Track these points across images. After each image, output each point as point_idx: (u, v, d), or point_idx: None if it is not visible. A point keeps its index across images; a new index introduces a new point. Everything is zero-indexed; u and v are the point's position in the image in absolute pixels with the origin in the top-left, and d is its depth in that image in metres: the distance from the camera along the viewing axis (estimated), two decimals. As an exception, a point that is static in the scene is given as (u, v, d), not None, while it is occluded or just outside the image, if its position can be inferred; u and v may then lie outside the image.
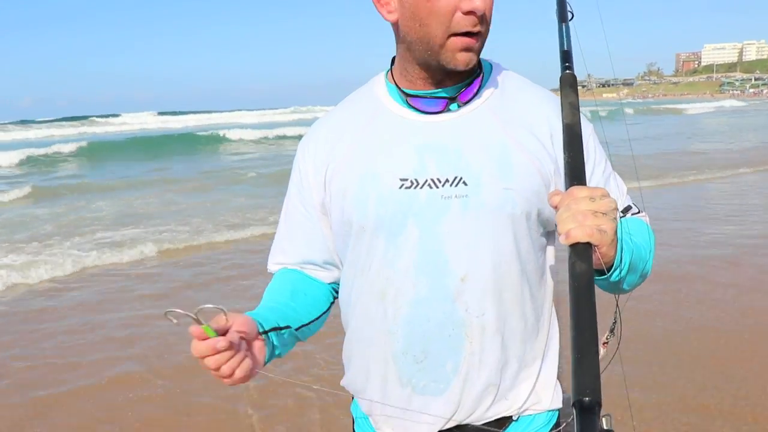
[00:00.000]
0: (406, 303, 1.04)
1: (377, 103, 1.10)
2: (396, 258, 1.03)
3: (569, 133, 0.95)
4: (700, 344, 3.73)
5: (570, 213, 0.83)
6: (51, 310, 4.88)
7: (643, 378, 3.28)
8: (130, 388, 3.47)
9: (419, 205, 1.01)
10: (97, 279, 5.69)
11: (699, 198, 9.09)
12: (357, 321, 1.11)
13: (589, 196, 0.84)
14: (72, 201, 10.53)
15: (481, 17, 0.96)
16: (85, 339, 4.24)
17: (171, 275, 5.73)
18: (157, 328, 4.29)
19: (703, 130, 23.90)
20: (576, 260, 0.81)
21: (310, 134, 1.16)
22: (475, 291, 1.02)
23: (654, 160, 12.74)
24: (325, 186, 1.10)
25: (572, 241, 0.82)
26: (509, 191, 1.01)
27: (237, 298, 4.90)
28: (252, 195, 10.19)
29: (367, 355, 1.10)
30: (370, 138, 1.07)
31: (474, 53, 0.99)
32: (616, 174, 1.13)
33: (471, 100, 1.06)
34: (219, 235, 7.22)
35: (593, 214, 0.83)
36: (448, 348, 1.04)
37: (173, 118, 49.72)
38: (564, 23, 1.08)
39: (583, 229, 0.82)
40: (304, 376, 3.45)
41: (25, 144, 24.43)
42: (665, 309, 4.27)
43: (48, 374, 3.68)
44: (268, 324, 1.01)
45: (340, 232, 1.10)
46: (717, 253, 5.62)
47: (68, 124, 43.89)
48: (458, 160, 1.01)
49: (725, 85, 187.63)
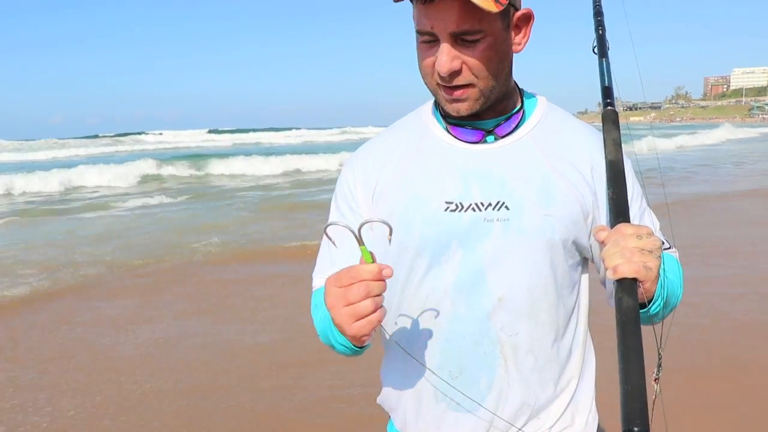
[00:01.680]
0: (443, 319, 1.06)
1: (425, 129, 1.14)
2: (437, 277, 1.06)
3: (613, 169, 0.99)
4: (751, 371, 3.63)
5: (618, 249, 0.87)
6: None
7: (692, 407, 3.21)
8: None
9: (463, 227, 1.04)
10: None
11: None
12: (394, 337, 1.12)
13: (636, 233, 0.88)
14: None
15: (454, 73, 0.99)
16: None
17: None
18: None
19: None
20: (623, 295, 0.84)
21: (358, 155, 1.19)
22: (511, 311, 1.05)
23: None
24: (373, 205, 1.12)
25: (620, 276, 0.85)
26: (549, 218, 1.04)
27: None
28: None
29: (403, 371, 1.12)
30: (417, 162, 1.10)
31: (465, 102, 1.03)
32: (651, 210, 1.17)
33: (512, 132, 1.09)
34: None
35: (640, 252, 0.87)
36: (483, 364, 1.06)
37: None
38: (604, 58, 1.11)
39: (631, 266, 0.85)
40: (340, 393, 3.49)
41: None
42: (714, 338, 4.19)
43: None
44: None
45: (380, 250, 1.08)
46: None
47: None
48: (502, 187, 1.05)
49: (755, 109, 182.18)
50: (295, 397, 3.53)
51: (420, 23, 0.98)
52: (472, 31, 0.96)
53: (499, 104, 1.09)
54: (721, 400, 3.30)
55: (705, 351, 3.94)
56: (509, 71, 1.07)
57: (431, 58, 1.00)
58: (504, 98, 1.09)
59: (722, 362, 3.79)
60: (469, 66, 0.99)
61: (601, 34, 1.13)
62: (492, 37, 0.98)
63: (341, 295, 0.91)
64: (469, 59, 0.98)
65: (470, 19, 0.95)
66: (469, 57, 0.98)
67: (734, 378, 3.58)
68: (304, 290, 1.29)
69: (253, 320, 4.87)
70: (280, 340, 4.39)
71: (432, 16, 0.96)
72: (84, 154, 32.87)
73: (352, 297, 0.89)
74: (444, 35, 0.96)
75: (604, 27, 1.15)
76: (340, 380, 3.68)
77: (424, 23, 0.97)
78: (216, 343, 4.39)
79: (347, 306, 0.90)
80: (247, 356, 4.14)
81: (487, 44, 0.98)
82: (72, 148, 38.26)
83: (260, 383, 3.72)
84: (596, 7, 1.19)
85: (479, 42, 0.97)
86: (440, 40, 0.97)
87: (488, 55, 0.99)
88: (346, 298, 0.90)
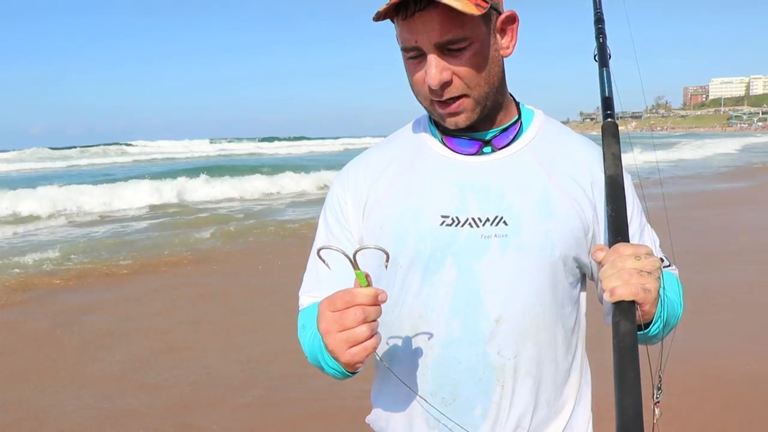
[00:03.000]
0: (437, 343, 1.02)
1: (419, 141, 1.11)
2: (431, 296, 1.02)
3: (613, 185, 0.96)
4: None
5: (615, 270, 0.84)
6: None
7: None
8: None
9: (459, 243, 1.00)
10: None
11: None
12: (384, 359, 1.08)
13: (635, 254, 0.85)
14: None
15: (445, 84, 0.97)
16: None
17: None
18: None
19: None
20: (620, 319, 0.81)
21: (349, 168, 1.16)
22: (509, 333, 1.00)
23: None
24: (363, 219, 1.09)
25: (617, 299, 0.83)
26: (549, 233, 1.00)
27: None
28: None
29: (394, 394, 1.08)
30: (411, 174, 1.07)
31: (462, 114, 1.00)
32: (650, 226, 1.14)
33: (509, 144, 1.06)
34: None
35: (638, 273, 0.84)
36: (478, 392, 1.02)
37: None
38: (605, 68, 1.07)
39: (629, 288, 0.83)
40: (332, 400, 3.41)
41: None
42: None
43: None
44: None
45: (371, 266, 1.06)
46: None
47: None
48: (500, 200, 1.01)
49: (733, 118, 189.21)
50: (282, 411, 3.46)
51: (404, 40, 0.97)
52: (456, 39, 0.94)
53: (496, 114, 1.06)
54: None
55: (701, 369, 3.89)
56: (502, 76, 1.04)
57: (420, 74, 0.98)
58: (500, 108, 1.06)
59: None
60: (459, 75, 0.97)
61: (602, 42, 1.10)
62: (478, 43, 0.96)
63: (336, 320, 0.87)
64: (459, 68, 0.96)
65: (453, 27, 0.93)
66: (458, 66, 0.96)
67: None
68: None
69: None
70: (272, 351, 4.30)
71: (415, 30, 0.94)
72: (104, 164, 33.17)
73: (347, 322, 0.86)
74: (429, 47, 0.94)
75: (605, 35, 1.12)
76: (326, 393, 3.60)
77: (407, 39, 0.96)
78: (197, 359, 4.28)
79: (342, 332, 0.86)
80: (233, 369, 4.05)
81: (474, 51, 0.96)
82: (82, 158, 38.35)
83: (242, 397, 3.63)
84: (597, 13, 1.16)
85: (466, 50, 0.95)
86: (426, 53, 0.95)
87: (477, 61, 0.97)
88: (342, 323, 0.86)
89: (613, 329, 0.81)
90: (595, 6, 1.16)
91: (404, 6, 0.93)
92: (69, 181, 16.83)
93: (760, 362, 3.85)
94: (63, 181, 16.56)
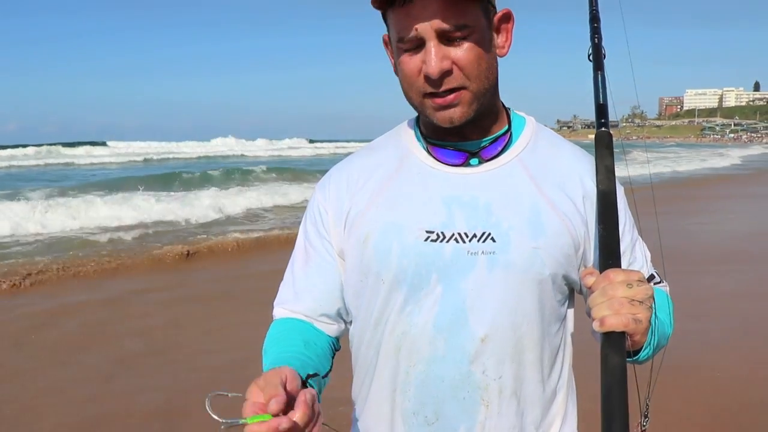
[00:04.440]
0: (420, 361, 0.99)
1: (404, 149, 1.07)
2: (414, 313, 0.98)
3: (604, 201, 0.91)
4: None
5: (606, 299, 0.81)
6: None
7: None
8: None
9: (444, 260, 0.96)
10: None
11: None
12: (367, 376, 1.06)
13: (626, 281, 0.82)
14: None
15: (445, 74, 0.93)
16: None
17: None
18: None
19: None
20: (609, 351, 0.78)
21: (331, 175, 1.12)
22: (495, 352, 0.97)
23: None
24: (345, 231, 1.05)
25: (607, 329, 0.80)
26: (538, 251, 0.97)
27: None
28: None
29: (375, 413, 1.05)
30: (395, 186, 1.03)
31: (458, 107, 0.96)
32: (642, 240, 1.10)
33: (498, 155, 1.02)
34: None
35: (630, 302, 0.81)
36: (462, 411, 0.99)
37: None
38: (600, 71, 1.01)
39: (619, 318, 0.80)
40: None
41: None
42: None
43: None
44: (304, 372, 0.93)
45: (352, 281, 1.05)
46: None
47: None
48: (488, 216, 0.98)
49: (706, 129, 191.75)
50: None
51: (401, 28, 0.93)
52: (458, 25, 0.91)
53: (485, 120, 1.02)
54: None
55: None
56: (497, 77, 0.99)
57: (415, 64, 0.93)
58: (491, 113, 1.02)
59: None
60: (459, 65, 0.93)
61: (597, 43, 1.04)
62: (478, 34, 0.93)
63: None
64: (459, 58, 0.93)
65: (455, 13, 0.90)
66: (458, 56, 0.92)
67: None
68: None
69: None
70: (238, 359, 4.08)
71: (415, 17, 0.90)
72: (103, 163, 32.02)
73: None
74: (430, 34, 0.91)
75: (600, 35, 1.06)
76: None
77: (405, 27, 0.92)
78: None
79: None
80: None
81: (474, 40, 0.93)
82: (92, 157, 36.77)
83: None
84: (592, 11, 1.09)
85: (467, 39, 0.92)
86: (426, 41, 0.91)
87: (477, 52, 0.93)
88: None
89: (602, 361, 0.79)
90: (591, 3, 1.11)
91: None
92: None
93: (739, 368, 3.85)
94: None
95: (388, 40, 1.01)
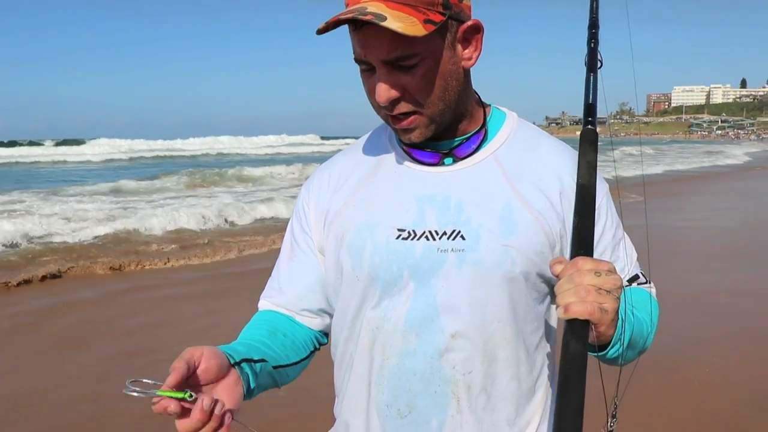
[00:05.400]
0: (393, 354, 1.01)
1: (383, 149, 1.09)
2: (389, 308, 1.00)
3: (582, 195, 0.90)
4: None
5: (572, 285, 0.80)
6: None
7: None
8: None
9: (415, 257, 0.98)
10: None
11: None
12: (346, 370, 1.08)
13: (595, 269, 0.81)
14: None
15: (395, 101, 0.94)
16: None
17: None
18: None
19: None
20: (571, 338, 0.77)
21: (315, 174, 1.15)
22: (465, 349, 0.98)
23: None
24: (324, 229, 1.08)
25: (571, 316, 0.79)
26: (509, 249, 0.97)
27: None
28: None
29: (352, 406, 1.07)
30: (372, 185, 1.05)
31: (415, 131, 0.97)
32: (628, 239, 1.10)
33: (473, 153, 1.03)
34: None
35: (596, 291, 0.79)
36: (434, 404, 1.00)
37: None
38: (592, 73, 1.03)
39: (584, 306, 0.79)
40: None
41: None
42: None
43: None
44: (239, 355, 0.94)
45: (331, 278, 1.08)
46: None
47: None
48: (459, 214, 0.99)
49: (694, 126, 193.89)
50: (257, 416, 2.89)
51: (355, 51, 0.94)
52: (405, 56, 0.90)
53: (458, 123, 1.02)
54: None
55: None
56: (462, 89, 0.99)
57: (372, 84, 0.95)
58: (463, 117, 1.02)
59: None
60: (410, 91, 0.93)
61: (593, 48, 1.06)
62: (431, 59, 0.92)
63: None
64: (409, 85, 0.93)
65: (401, 44, 0.89)
66: (408, 83, 0.93)
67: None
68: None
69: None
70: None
71: (363, 44, 0.91)
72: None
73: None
74: (377, 63, 0.92)
75: (597, 41, 1.08)
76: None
77: (358, 51, 0.93)
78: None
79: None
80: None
81: (426, 67, 0.92)
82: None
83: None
84: (592, 18, 1.11)
85: (417, 66, 0.92)
86: (376, 68, 0.93)
87: (429, 78, 0.93)
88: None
89: (562, 350, 0.77)
90: (591, 10, 1.12)
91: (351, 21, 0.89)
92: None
93: (721, 368, 3.86)
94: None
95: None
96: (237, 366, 0.92)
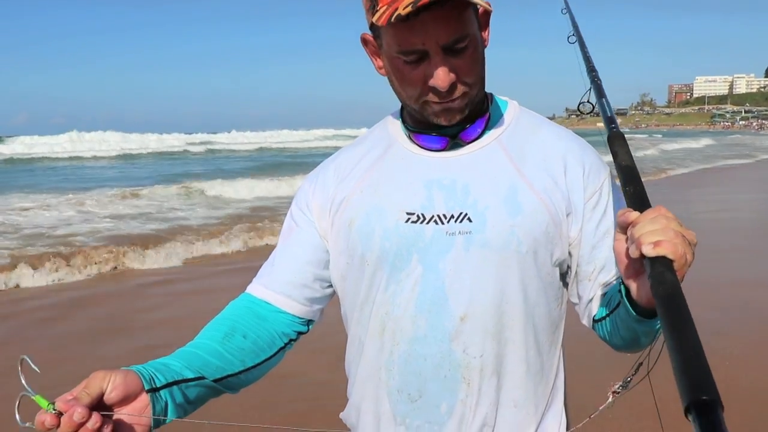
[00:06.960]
0: (403, 340, 1.02)
1: (389, 138, 1.11)
2: (397, 293, 1.02)
3: (629, 173, 0.91)
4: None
5: (659, 226, 0.77)
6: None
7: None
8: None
9: (424, 240, 1.00)
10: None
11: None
12: (356, 355, 1.10)
13: (678, 221, 0.78)
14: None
15: (452, 85, 0.95)
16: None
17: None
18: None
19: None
20: (664, 270, 0.72)
21: (319, 167, 1.17)
22: (475, 331, 0.99)
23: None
24: (331, 217, 1.09)
25: (661, 252, 0.74)
26: (515, 229, 0.98)
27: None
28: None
29: (362, 391, 1.09)
30: (379, 172, 1.07)
31: (457, 110, 0.99)
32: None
33: (478, 137, 1.05)
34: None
35: (683, 240, 0.76)
36: (444, 389, 1.01)
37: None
38: (603, 98, 1.11)
39: (675, 247, 0.74)
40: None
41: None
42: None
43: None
44: (166, 378, 0.93)
45: (340, 264, 1.09)
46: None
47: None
48: (465, 197, 1.01)
49: (716, 116, 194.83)
50: (265, 414, 3.33)
51: (402, 41, 0.93)
52: (461, 37, 0.93)
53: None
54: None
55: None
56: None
57: (418, 74, 0.95)
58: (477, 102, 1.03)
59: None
60: (462, 74, 0.96)
61: (598, 84, 1.17)
62: (475, 40, 0.96)
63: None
64: (462, 68, 0.95)
65: (459, 27, 0.92)
66: (460, 66, 0.95)
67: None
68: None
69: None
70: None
71: (420, 32, 0.91)
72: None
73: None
74: (435, 49, 0.92)
75: (599, 79, 1.19)
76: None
77: (411, 42, 0.92)
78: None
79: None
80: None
81: (473, 48, 0.96)
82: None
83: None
84: (589, 66, 1.23)
85: (467, 48, 0.95)
86: (431, 55, 0.93)
87: (475, 59, 0.97)
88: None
89: (657, 278, 0.72)
90: (587, 61, 1.24)
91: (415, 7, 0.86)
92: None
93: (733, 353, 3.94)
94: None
95: (374, 43, 1.02)
96: (153, 392, 0.91)
